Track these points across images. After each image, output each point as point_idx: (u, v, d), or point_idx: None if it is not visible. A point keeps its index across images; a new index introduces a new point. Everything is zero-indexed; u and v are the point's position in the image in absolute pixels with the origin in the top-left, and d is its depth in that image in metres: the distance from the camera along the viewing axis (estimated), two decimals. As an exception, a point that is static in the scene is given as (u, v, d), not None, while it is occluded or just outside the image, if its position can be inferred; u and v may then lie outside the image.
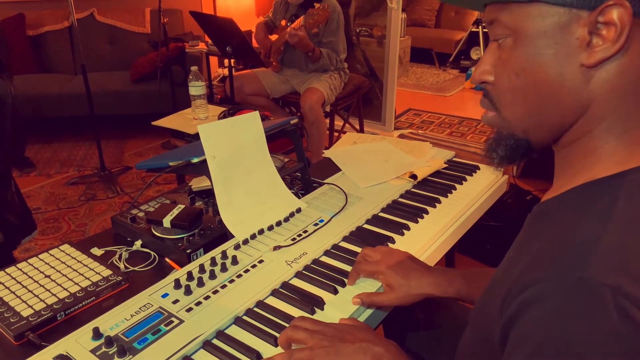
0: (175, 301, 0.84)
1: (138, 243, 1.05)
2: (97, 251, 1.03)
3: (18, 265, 0.96)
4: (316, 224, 1.08)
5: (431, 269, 0.89)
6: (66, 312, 0.85)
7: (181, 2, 4.15)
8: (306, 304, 0.84)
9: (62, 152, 3.52)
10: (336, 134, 3.25)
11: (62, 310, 0.84)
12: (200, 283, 0.88)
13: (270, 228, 1.06)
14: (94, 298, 0.89)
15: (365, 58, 3.80)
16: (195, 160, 1.03)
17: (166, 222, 1.03)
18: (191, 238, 1.02)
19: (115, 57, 3.99)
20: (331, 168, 1.38)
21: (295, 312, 0.83)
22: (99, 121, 3.09)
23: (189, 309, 0.82)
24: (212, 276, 0.90)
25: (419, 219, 1.12)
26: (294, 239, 1.02)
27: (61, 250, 1.01)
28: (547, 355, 0.45)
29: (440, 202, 1.19)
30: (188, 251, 0.98)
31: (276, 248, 0.99)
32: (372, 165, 1.38)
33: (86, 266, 0.95)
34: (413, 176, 1.29)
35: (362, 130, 3.42)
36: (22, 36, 3.78)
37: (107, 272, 0.93)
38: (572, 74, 0.54)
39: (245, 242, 1.01)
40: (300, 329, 0.70)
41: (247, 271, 0.92)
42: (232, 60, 2.77)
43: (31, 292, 0.88)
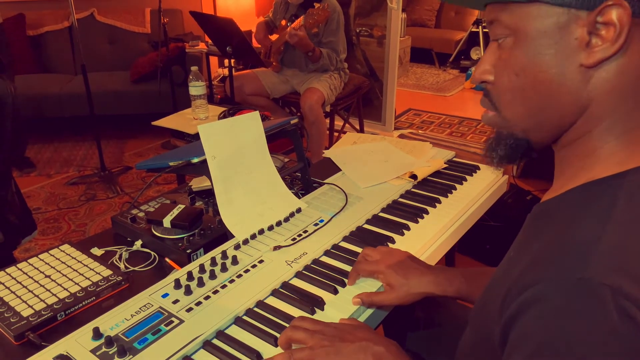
0: (175, 301, 0.84)
1: (138, 243, 1.05)
2: (97, 251, 1.03)
3: (18, 265, 0.96)
4: (316, 224, 1.08)
5: (431, 268, 0.89)
6: (66, 312, 0.85)
7: (181, 2, 4.15)
8: (306, 304, 0.84)
9: (62, 152, 3.52)
10: (336, 134, 3.25)
11: (63, 310, 0.84)
12: (200, 283, 0.88)
13: (270, 228, 1.06)
14: (94, 298, 0.89)
15: (365, 58, 3.79)
16: (195, 160, 1.04)
17: (166, 222, 1.03)
18: (191, 238, 1.02)
19: (115, 57, 4.00)
20: (331, 168, 1.38)
21: (295, 312, 0.83)
22: (99, 121, 3.09)
23: (189, 309, 0.82)
24: (212, 276, 0.90)
25: (419, 219, 1.12)
26: (294, 239, 1.02)
27: (61, 250, 1.01)
28: (547, 355, 0.45)
29: (440, 202, 1.19)
30: (188, 251, 0.98)
31: (276, 248, 0.99)
32: (372, 165, 1.37)
33: (86, 266, 0.96)
34: (413, 176, 1.29)
35: (362, 130, 3.42)
36: (22, 36, 3.78)
37: (107, 272, 0.93)
38: (572, 74, 0.54)
39: (245, 242, 1.01)
40: (300, 329, 0.70)
41: (247, 271, 0.92)
42: (232, 60, 2.77)
43: (31, 292, 0.88)
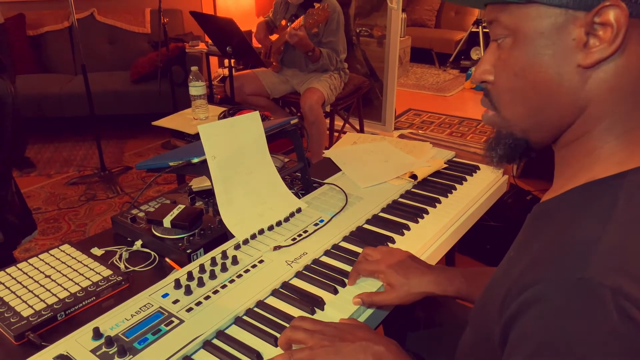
0: (175, 301, 0.84)
1: (138, 243, 1.05)
2: (97, 251, 1.03)
3: (18, 265, 0.96)
4: (316, 224, 1.08)
5: (431, 268, 0.89)
6: (66, 312, 0.85)
7: (181, 2, 4.15)
8: (306, 304, 0.84)
9: (62, 152, 3.52)
10: (336, 134, 3.25)
11: (63, 310, 0.84)
12: (200, 283, 0.88)
13: (270, 228, 1.06)
14: (94, 298, 0.89)
15: (365, 58, 3.79)
16: (195, 160, 1.04)
17: (166, 222, 1.03)
18: (191, 238, 1.02)
19: (115, 57, 4.00)
20: (331, 168, 1.38)
21: (295, 312, 0.83)
22: (99, 121, 3.09)
23: (189, 309, 0.82)
24: (213, 276, 0.90)
25: (419, 219, 1.12)
26: (294, 239, 1.02)
27: (61, 250, 1.01)
28: (547, 355, 0.45)
29: (440, 202, 1.19)
30: (188, 251, 0.98)
31: (276, 248, 0.99)
32: (372, 165, 1.37)
33: (86, 266, 0.96)
34: (413, 176, 1.29)
35: (362, 130, 3.42)
36: (22, 36, 3.78)
37: (108, 272, 0.93)
38: (570, 75, 0.55)
39: (245, 242, 1.01)
40: (300, 329, 0.70)
41: (247, 271, 0.92)
42: (232, 60, 2.77)
43: (31, 292, 0.88)
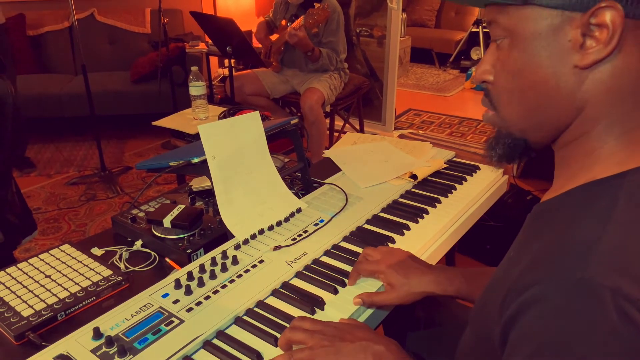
0: (175, 301, 0.84)
1: (138, 243, 1.05)
2: (98, 251, 1.03)
3: (18, 265, 0.96)
4: (316, 224, 1.08)
5: (432, 268, 0.89)
6: (66, 312, 0.85)
7: (181, 2, 4.15)
8: (306, 304, 0.84)
9: (63, 152, 3.52)
10: (336, 134, 3.25)
11: (63, 310, 0.84)
12: (200, 283, 0.88)
13: (270, 228, 1.06)
14: (95, 298, 0.89)
15: (365, 58, 3.80)
16: (195, 160, 1.04)
17: (166, 222, 1.03)
18: (191, 238, 1.02)
19: (115, 57, 4.00)
20: (331, 168, 1.38)
21: (295, 312, 0.83)
22: (99, 121, 3.09)
23: (190, 309, 0.82)
24: (213, 276, 0.90)
25: (419, 219, 1.12)
26: (294, 239, 1.02)
27: (61, 250, 1.01)
28: (547, 355, 0.45)
29: (440, 202, 1.19)
30: (188, 251, 0.98)
31: (276, 248, 0.99)
32: (372, 165, 1.38)
33: (86, 266, 0.96)
34: (413, 176, 1.29)
35: (362, 130, 3.42)
36: (22, 36, 3.78)
37: (108, 272, 0.94)
38: (566, 75, 0.55)
39: (245, 242, 1.01)
40: (299, 330, 0.70)
41: (248, 271, 0.92)
42: (232, 60, 2.77)
43: (31, 292, 0.88)
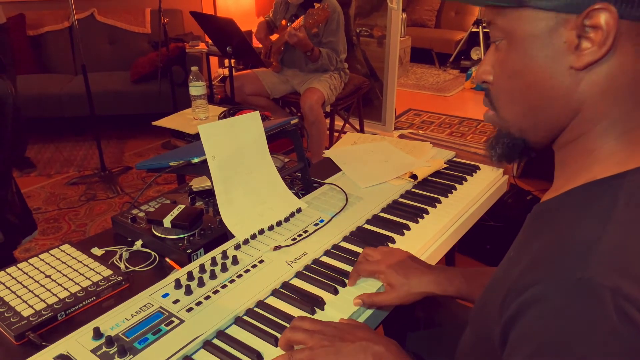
0: (175, 301, 0.84)
1: (138, 243, 1.05)
2: (98, 251, 1.03)
3: (18, 265, 0.96)
4: (316, 224, 1.08)
5: (432, 268, 0.89)
6: (67, 312, 0.85)
7: (181, 2, 4.15)
8: (306, 304, 0.84)
9: (63, 153, 3.52)
10: (336, 134, 3.25)
11: (63, 310, 0.84)
12: (200, 283, 0.88)
13: (270, 228, 1.06)
14: (95, 298, 0.89)
15: (365, 58, 3.80)
16: (195, 160, 1.04)
17: (166, 222, 1.03)
18: (191, 238, 1.02)
19: (115, 57, 4.00)
20: (331, 168, 1.38)
21: (295, 312, 0.83)
22: (99, 121, 3.09)
23: (190, 309, 0.82)
24: (213, 276, 0.90)
25: (419, 219, 1.12)
26: (294, 239, 1.02)
27: (62, 250, 1.01)
28: (547, 355, 0.45)
29: (440, 202, 1.19)
30: (188, 251, 0.98)
31: (276, 248, 0.99)
32: (372, 165, 1.38)
33: (87, 266, 0.96)
34: (413, 176, 1.29)
35: (362, 130, 3.42)
36: (22, 36, 3.79)
37: (108, 272, 0.94)
38: (562, 77, 0.55)
39: (245, 242, 1.01)
40: (299, 330, 0.70)
41: (248, 271, 0.92)
42: (232, 60, 2.77)
43: (32, 292, 0.88)
